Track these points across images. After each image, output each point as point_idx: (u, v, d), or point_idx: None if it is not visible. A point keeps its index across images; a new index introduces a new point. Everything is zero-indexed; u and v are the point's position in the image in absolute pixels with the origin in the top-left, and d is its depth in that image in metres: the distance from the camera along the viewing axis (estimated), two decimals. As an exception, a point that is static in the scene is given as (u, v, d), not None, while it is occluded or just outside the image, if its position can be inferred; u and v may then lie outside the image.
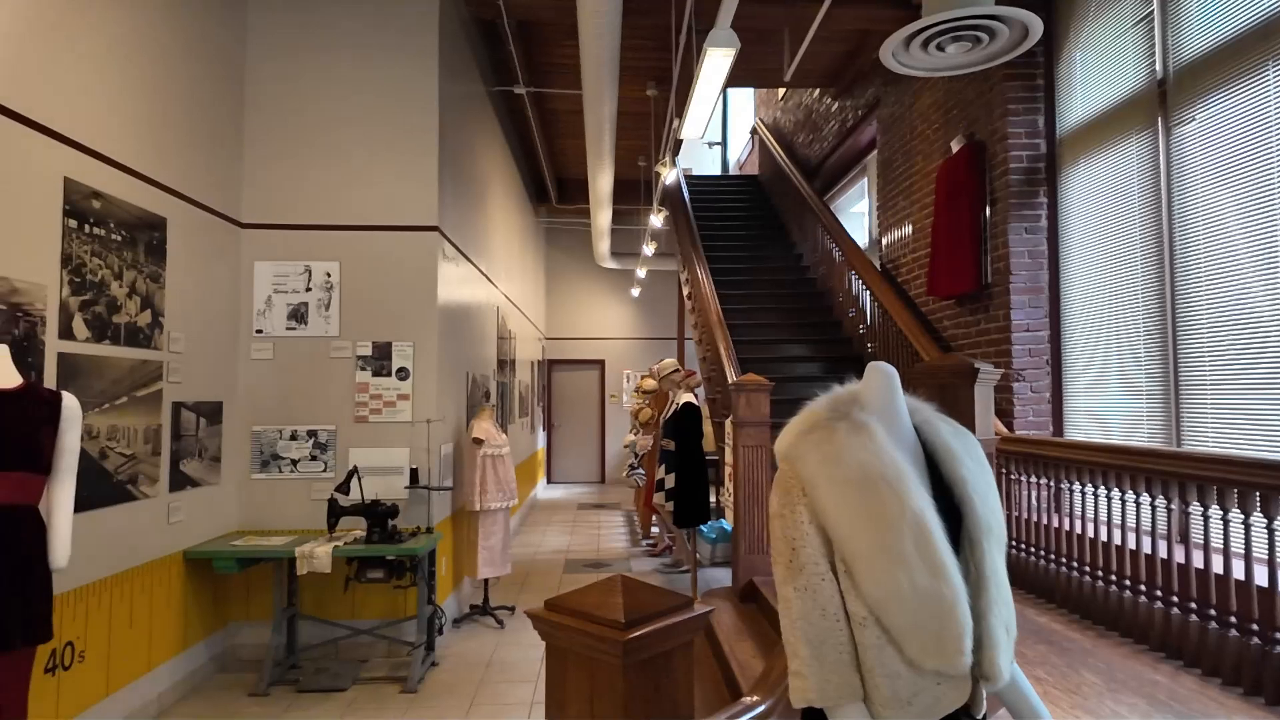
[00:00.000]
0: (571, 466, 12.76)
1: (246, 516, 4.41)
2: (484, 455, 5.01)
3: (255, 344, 4.49)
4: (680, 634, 1.33)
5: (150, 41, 3.59)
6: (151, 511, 3.59)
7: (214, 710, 3.63)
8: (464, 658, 4.35)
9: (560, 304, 12.73)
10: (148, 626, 3.56)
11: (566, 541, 7.79)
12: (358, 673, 4.05)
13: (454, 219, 5.16)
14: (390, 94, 4.64)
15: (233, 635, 4.32)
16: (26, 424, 2.22)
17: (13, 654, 2.16)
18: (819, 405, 1.28)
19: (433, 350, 4.60)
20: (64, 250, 3.03)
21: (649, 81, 7.50)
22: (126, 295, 3.42)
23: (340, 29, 4.63)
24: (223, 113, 4.30)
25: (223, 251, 4.30)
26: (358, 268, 4.57)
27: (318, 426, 4.49)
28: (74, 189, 3.08)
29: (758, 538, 4.27)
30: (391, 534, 4.06)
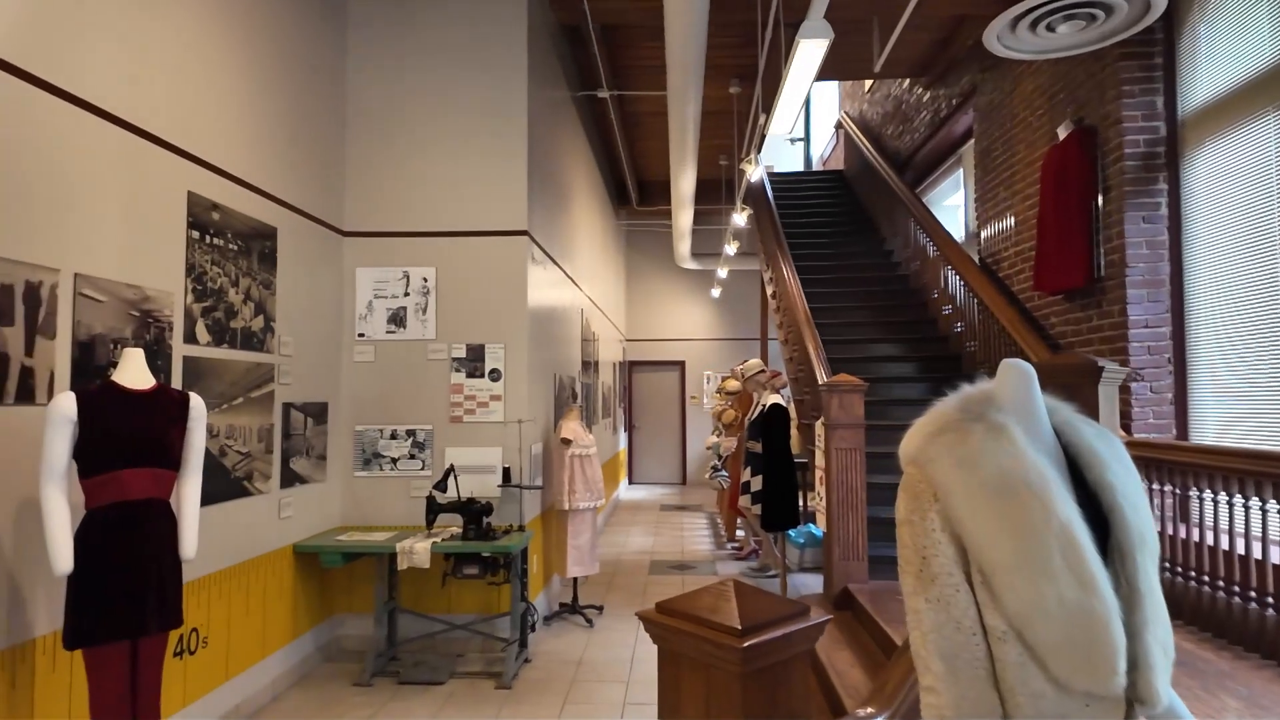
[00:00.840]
0: (652, 467, 12.78)
1: (349, 512, 4.60)
2: (572, 455, 5.06)
3: (357, 347, 4.67)
4: (798, 643, 1.28)
5: (260, 63, 3.80)
6: (265, 507, 3.79)
7: (322, 699, 3.79)
8: (556, 656, 4.40)
9: (640, 306, 12.77)
10: (262, 616, 3.75)
11: (650, 543, 7.79)
12: (454, 667, 4.15)
13: (542, 223, 5.24)
14: (481, 103, 4.75)
15: (337, 627, 4.51)
16: (159, 423, 2.37)
17: (149, 638, 2.31)
18: (949, 405, 1.20)
19: (523, 352, 4.68)
20: (188, 260, 3.23)
21: (732, 79, 7.42)
22: (242, 301, 3.62)
23: (433, 43, 4.77)
24: (326, 126, 4.50)
25: (327, 259, 4.50)
26: (452, 272, 4.69)
27: (416, 426, 4.63)
28: (196, 202, 3.28)
29: (852, 543, 4.14)
30: (486, 531, 4.15)
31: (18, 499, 2.37)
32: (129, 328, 2.86)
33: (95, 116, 2.71)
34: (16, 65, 2.38)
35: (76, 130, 2.63)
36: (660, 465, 12.78)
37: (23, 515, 2.39)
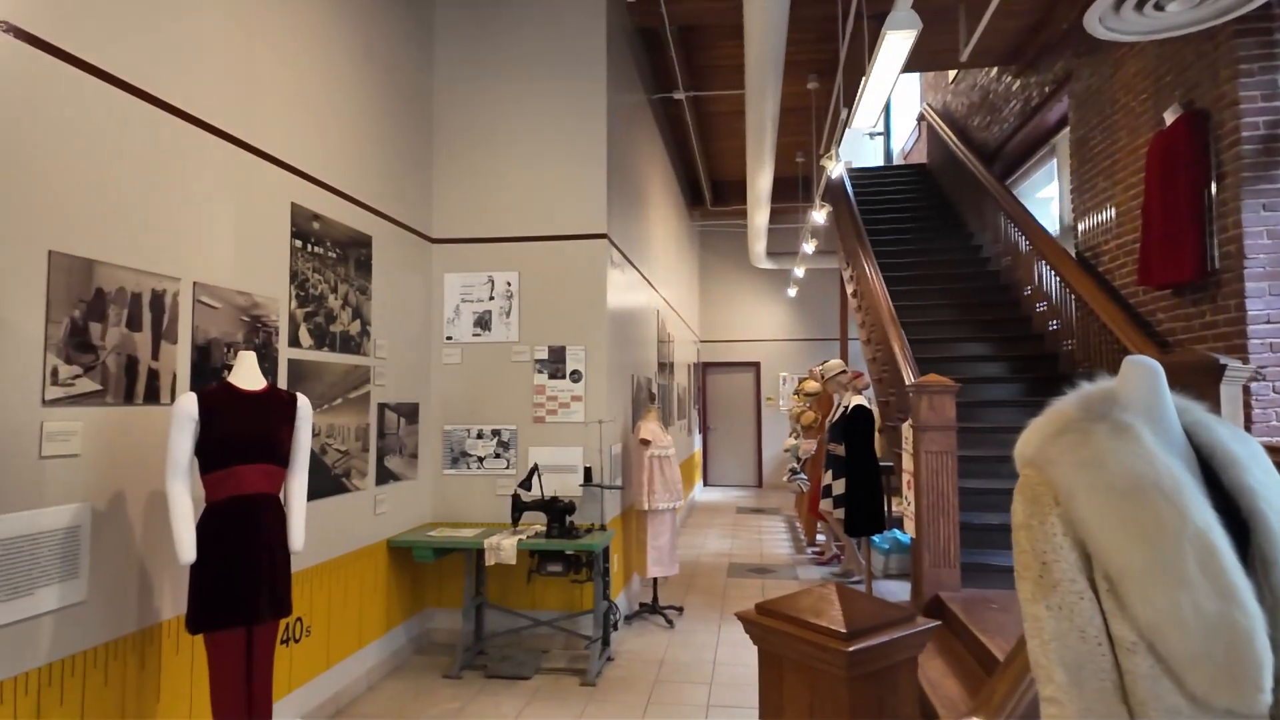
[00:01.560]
0: (727, 470, 12.70)
1: (439, 509, 4.76)
2: (651, 456, 5.08)
3: (445, 350, 4.83)
4: (905, 648, 1.25)
5: (356, 79, 3.97)
6: (361, 503, 3.96)
7: (414, 689, 3.93)
8: (638, 655, 4.43)
9: (714, 306, 12.71)
10: (359, 608, 3.92)
11: (728, 545, 7.73)
12: (539, 662, 4.23)
13: (620, 226, 5.29)
14: (562, 110, 4.83)
15: (427, 620, 4.66)
16: (270, 422, 2.51)
17: (262, 625, 2.45)
18: (1068, 405, 1.15)
19: (602, 353, 4.73)
20: (292, 267, 3.41)
21: (810, 74, 7.31)
22: (340, 306, 3.79)
23: (515, 53, 4.89)
24: (414, 137, 4.67)
25: (417, 265, 4.66)
26: (535, 276, 4.79)
27: (501, 426, 4.75)
28: (299, 212, 3.46)
29: (943, 550, 4.00)
30: (569, 530, 4.21)
31: (146, 492, 2.56)
32: (240, 332, 3.04)
33: (211, 135, 2.89)
34: (144, 90, 2.57)
35: (195, 147, 2.81)
36: (735, 467, 12.68)
37: (150, 507, 2.57)
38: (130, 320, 2.48)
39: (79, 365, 2.29)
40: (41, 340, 2.17)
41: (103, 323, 2.38)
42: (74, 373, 2.27)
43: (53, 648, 2.20)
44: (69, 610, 2.25)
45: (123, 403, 2.45)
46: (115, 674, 2.42)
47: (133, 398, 2.49)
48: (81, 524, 2.29)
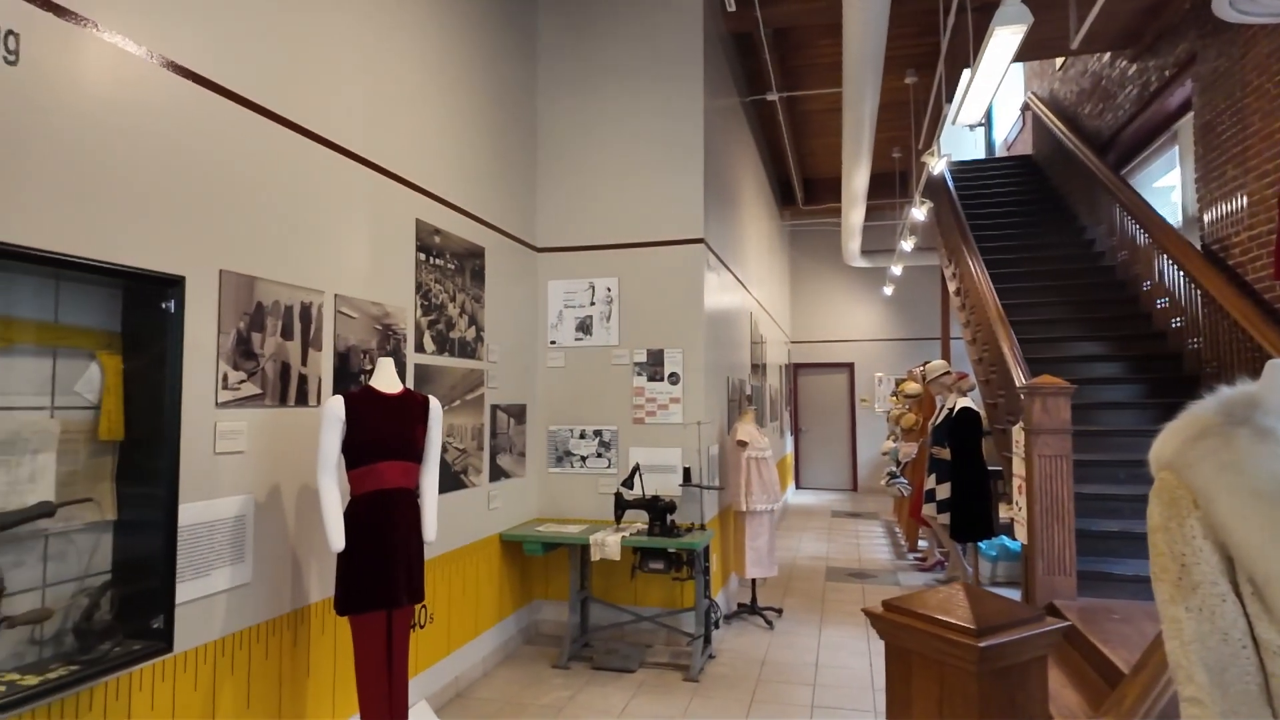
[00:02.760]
0: (820, 472, 12.51)
1: (544, 505, 4.96)
2: (748, 457, 5.12)
3: (550, 353, 5.03)
4: (1035, 647, 1.28)
5: (469, 98, 4.21)
6: (477, 498, 4.19)
7: (526, 678, 4.13)
8: (739, 654, 4.48)
9: (805, 307, 12.57)
10: (475, 598, 4.15)
11: (824, 549, 7.66)
12: (643, 657, 4.36)
13: (716, 230, 5.36)
14: (659, 119, 4.95)
15: (535, 612, 4.88)
16: (407, 422, 2.73)
17: (400, 610, 2.66)
18: (1206, 409, 1.15)
19: (700, 356, 4.82)
20: (417, 279, 3.66)
21: (908, 69, 7.17)
22: (458, 314, 4.03)
23: (614, 64, 5.04)
24: (521, 151, 4.89)
25: (523, 273, 4.88)
26: (634, 281, 4.93)
27: (602, 426, 4.91)
28: (422, 227, 3.71)
29: (1058, 557, 3.87)
30: (670, 528, 4.32)
31: (297, 486, 2.82)
32: (374, 339, 3.30)
33: (347, 159, 3.16)
34: (292, 120, 2.84)
35: (334, 171, 3.08)
36: (829, 470, 12.48)
37: (300, 500, 2.84)
38: (284, 330, 2.75)
39: (244, 371, 2.56)
40: (215, 349, 2.45)
41: (262, 333, 2.65)
42: (240, 378, 2.55)
43: (225, 623, 2.48)
44: (237, 590, 2.53)
45: (278, 405, 2.72)
46: (274, 649, 2.69)
47: (286, 400, 2.76)
48: (246, 513, 2.57)
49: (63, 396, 1.93)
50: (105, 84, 2.09)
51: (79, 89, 2.02)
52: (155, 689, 2.20)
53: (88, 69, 2.04)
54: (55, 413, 1.91)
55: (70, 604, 1.92)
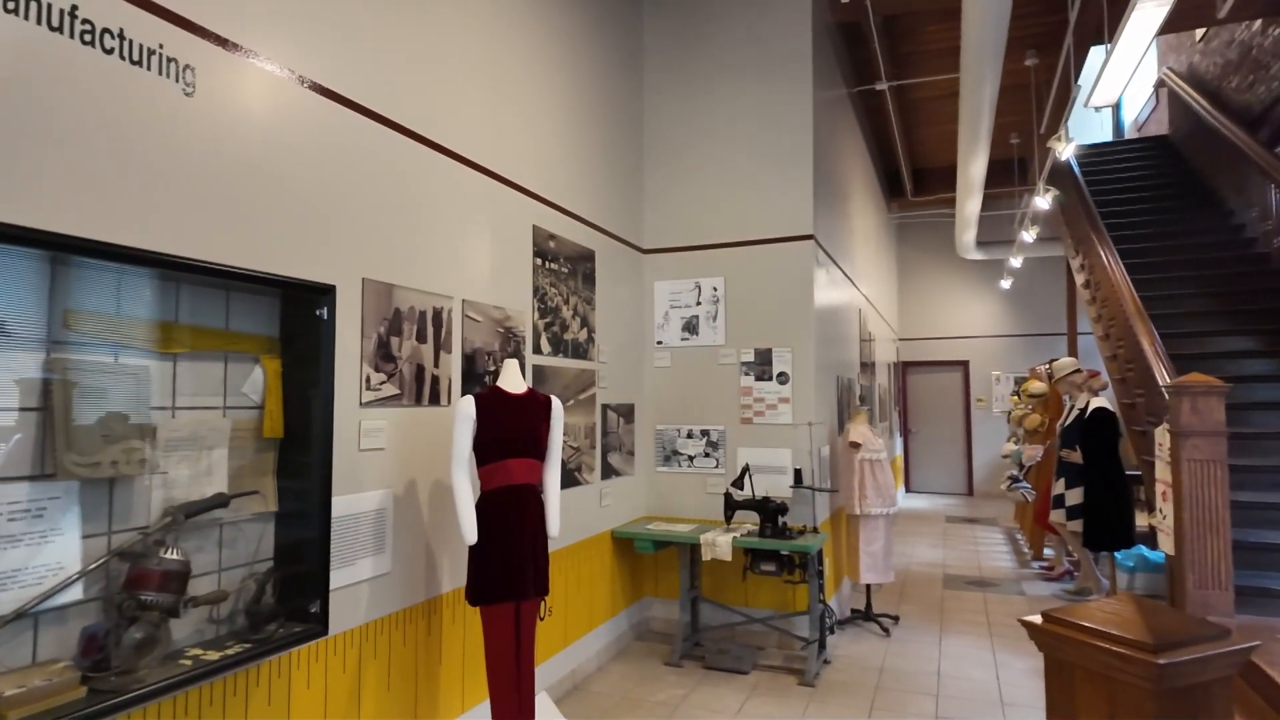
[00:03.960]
0: (932, 476, 12.01)
1: (653, 504, 5.01)
2: (861, 459, 4.99)
3: (656, 354, 5.08)
4: (1220, 666, 1.18)
5: (580, 105, 4.31)
6: (590, 495, 4.28)
7: (639, 673, 4.18)
8: (855, 660, 4.38)
9: (914, 303, 12.09)
10: (590, 593, 4.24)
11: (940, 555, 7.35)
12: (755, 658, 4.32)
13: (825, 225, 5.25)
14: (766, 115, 4.89)
15: (645, 609, 4.93)
16: (532, 420, 2.82)
17: (528, 602, 2.76)
18: None
19: (809, 355, 4.73)
20: (534, 283, 3.78)
21: (1028, 50, 6.78)
22: (571, 316, 4.13)
23: (720, 62, 5.03)
24: (627, 154, 4.96)
25: (630, 275, 4.95)
26: (741, 280, 4.89)
27: (709, 426, 4.91)
28: (538, 233, 3.83)
29: (1212, 570, 3.56)
30: (782, 530, 4.26)
31: (429, 482, 2.97)
32: (496, 342, 3.43)
33: (471, 169, 3.29)
34: (418, 132, 2.99)
35: (460, 181, 3.22)
36: (941, 473, 11.96)
37: (432, 494, 2.99)
38: (418, 334, 2.91)
39: (384, 373, 2.72)
40: (359, 352, 2.61)
41: (399, 337, 2.81)
42: (381, 379, 2.71)
43: (368, 610, 2.64)
44: (379, 579, 2.69)
45: (414, 404, 2.88)
46: (410, 635, 2.84)
47: (420, 400, 2.92)
48: (386, 507, 2.72)
49: (232, 397, 2.11)
50: (261, 108, 2.27)
51: (241, 115, 2.20)
52: (310, 669, 2.37)
53: (247, 95, 2.23)
54: (226, 412, 2.10)
55: (240, 587, 2.10)
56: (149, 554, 1.77)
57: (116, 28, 1.86)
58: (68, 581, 1.67)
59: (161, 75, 1.96)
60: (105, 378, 1.76)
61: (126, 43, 1.88)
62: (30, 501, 1.63)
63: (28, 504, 1.62)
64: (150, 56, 1.94)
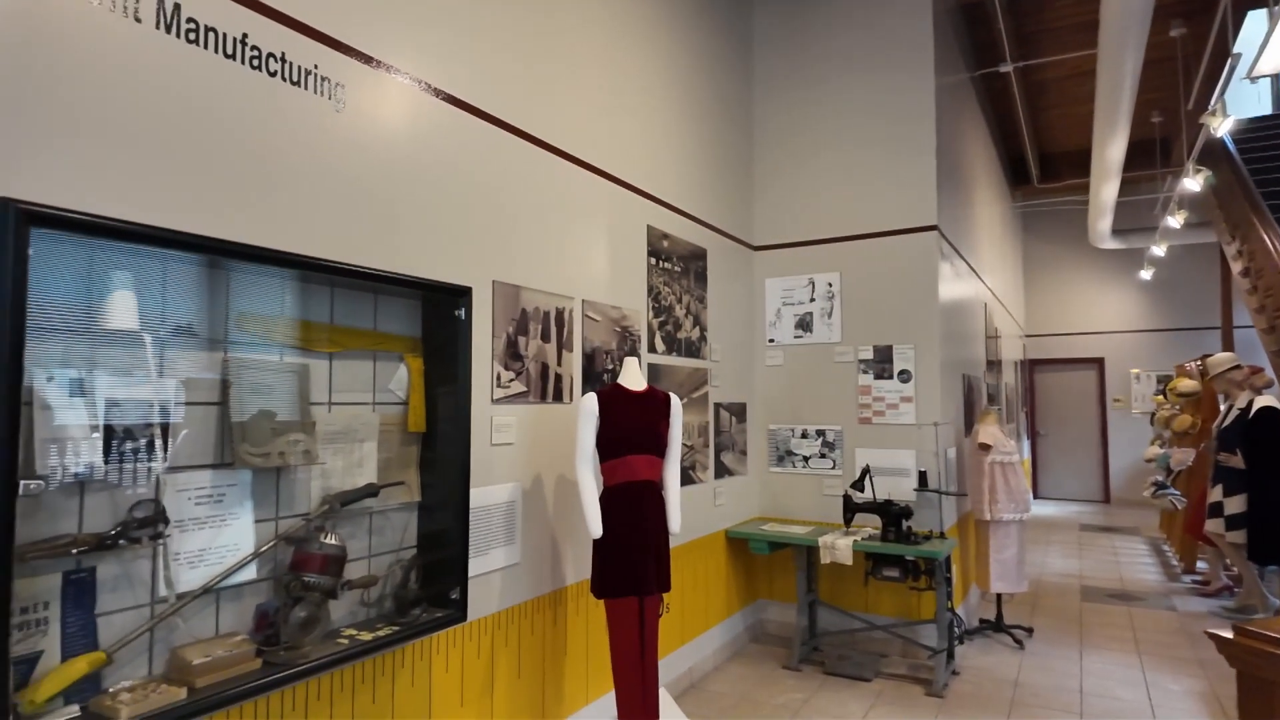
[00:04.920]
0: (1063, 480, 11.24)
1: (766, 505, 4.94)
2: (992, 462, 4.72)
3: (768, 352, 5.00)
4: None
5: (691, 103, 4.31)
6: (704, 494, 4.27)
7: (757, 675, 4.13)
8: (985, 672, 4.15)
9: (1042, 296, 11.36)
10: (706, 592, 4.23)
11: (1075, 565, 6.86)
12: (878, 666, 4.18)
13: (948, 216, 5.01)
14: (884, 103, 4.73)
15: (760, 611, 4.87)
16: (652, 417, 2.84)
17: (651, 597, 2.78)
18: None
19: (933, 352, 4.53)
20: (648, 283, 3.81)
21: (1172, 20, 6.23)
22: (684, 315, 4.14)
23: (833, 51, 4.90)
24: (737, 149, 4.92)
25: (741, 273, 4.90)
26: (857, 275, 4.75)
27: (825, 426, 4.79)
28: (652, 233, 3.86)
29: None
30: (906, 534, 4.10)
31: (554, 476, 3.05)
32: (614, 341, 3.48)
33: (586, 170, 3.36)
34: (537, 136, 3.08)
35: (579, 184, 3.29)
36: (1074, 478, 11.17)
37: (556, 489, 3.07)
38: (543, 333, 2.99)
39: (512, 371, 2.82)
40: (490, 351, 2.72)
41: (526, 336, 2.90)
42: (510, 377, 2.80)
43: (500, 599, 2.74)
44: (509, 569, 2.78)
45: (539, 401, 2.97)
46: (538, 624, 2.92)
47: (545, 397, 3.00)
48: (515, 500, 2.82)
49: (380, 394, 2.25)
50: (401, 121, 2.41)
51: (383, 128, 2.34)
52: (449, 653, 2.48)
53: (388, 109, 2.36)
54: (375, 407, 2.23)
55: (388, 573, 2.23)
56: (311, 539, 1.91)
57: (279, 51, 2.01)
58: (244, 561, 1.83)
59: (317, 94, 2.11)
60: (272, 375, 1.91)
61: (287, 65, 2.03)
62: (212, 488, 1.79)
63: (210, 490, 1.78)
64: (307, 77, 2.09)
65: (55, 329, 1.51)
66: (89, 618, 1.57)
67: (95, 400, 1.56)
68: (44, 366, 1.49)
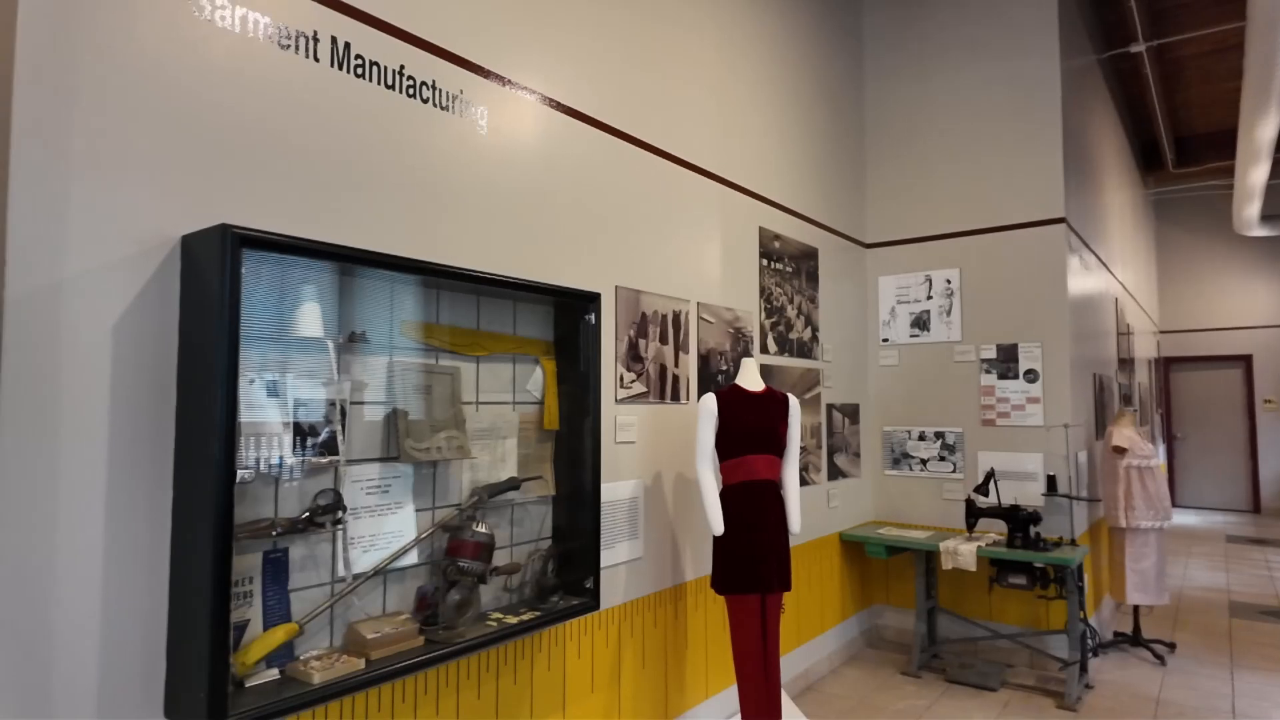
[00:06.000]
0: (1203, 488, 10.37)
1: (881, 508, 4.85)
2: (1127, 466, 4.46)
3: (882, 351, 4.91)
4: None
5: (800, 101, 4.31)
6: (818, 496, 4.25)
7: (874, 680, 4.07)
8: (1123, 687, 3.93)
9: (1178, 290, 10.53)
10: (820, 594, 4.21)
11: (1223, 579, 6.35)
12: (1004, 676, 4.03)
13: (1076, 207, 4.77)
14: (1006, 92, 4.55)
15: (876, 616, 4.78)
16: (771, 417, 2.88)
17: (773, 595, 2.81)
18: None
19: (1063, 350, 4.32)
20: (760, 284, 3.84)
21: (1336, -18, 5.66)
22: (796, 315, 4.14)
23: (949, 42, 4.76)
24: (848, 147, 4.86)
25: (852, 271, 4.84)
26: (978, 271, 4.60)
27: (944, 428, 4.65)
28: (764, 234, 3.88)
29: None
30: (1034, 541, 3.94)
31: (672, 475, 3.14)
32: (727, 342, 3.53)
33: (699, 175, 3.43)
34: (652, 144, 3.17)
35: (689, 187, 3.37)
36: (1216, 486, 10.30)
37: (675, 487, 3.15)
38: (661, 336, 3.09)
39: (634, 372, 2.93)
40: (614, 353, 2.83)
41: (645, 339, 3.00)
42: (631, 378, 2.91)
43: (625, 591, 2.85)
44: (633, 563, 2.89)
45: (658, 401, 3.06)
46: (660, 617, 3.01)
47: (664, 397, 3.09)
48: (638, 496, 2.92)
49: (518, 394, 2.39)
50: (532, 137, 2.55)
51: (519, 145, 2.49)
52: (581, 640, 2.61)
53: (522, 128, 2.51)
54: (515, 407, 2.38)
55: (528, 561, 2.37)
56: (464, 527, 2.07)
57: (431, 79, 2.19)
58: (408, 546, 2.00)
59: (463, 117, 2.28)
60: (430, 377, 2.08)
61: (438, 92, 2.21)
62: (381, 479, 1.97)
63: (379, 481, 1.97)
64: (453, 101, 2.26)
65: (254, 337, 1.71)
66: (284, 593, 1.77)
67: (286, 400, 1.76)
68: (245, 370, 1.69)
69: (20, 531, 1.39)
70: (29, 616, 1.40)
